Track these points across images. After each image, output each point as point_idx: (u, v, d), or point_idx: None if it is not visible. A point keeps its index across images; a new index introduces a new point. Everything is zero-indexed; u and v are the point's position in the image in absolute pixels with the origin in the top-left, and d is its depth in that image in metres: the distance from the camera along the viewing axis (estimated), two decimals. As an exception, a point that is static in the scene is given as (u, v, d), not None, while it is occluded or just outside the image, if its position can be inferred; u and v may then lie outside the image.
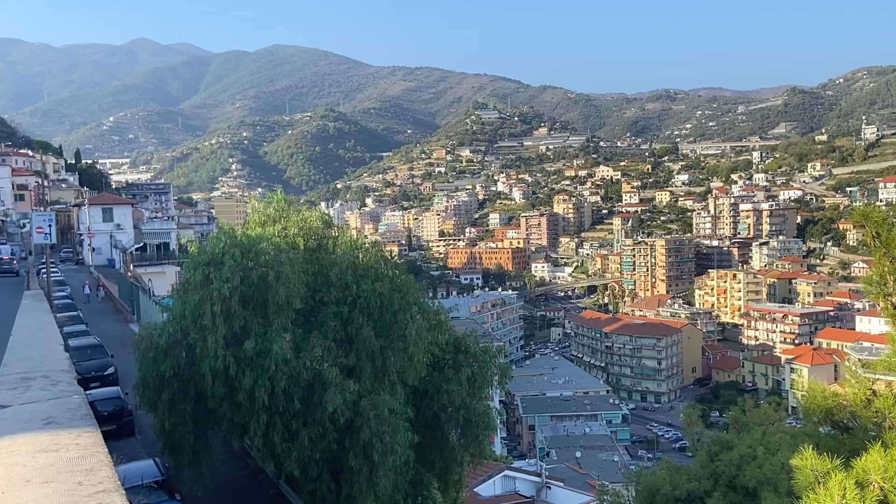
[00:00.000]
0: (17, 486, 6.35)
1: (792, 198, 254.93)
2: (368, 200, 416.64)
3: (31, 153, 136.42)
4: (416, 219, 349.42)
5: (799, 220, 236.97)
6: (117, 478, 6.56)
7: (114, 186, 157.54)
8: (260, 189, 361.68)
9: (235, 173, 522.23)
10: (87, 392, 24.35)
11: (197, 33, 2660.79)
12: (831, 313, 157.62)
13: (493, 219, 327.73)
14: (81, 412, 8.76)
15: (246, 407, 16.41)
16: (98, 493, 5.95)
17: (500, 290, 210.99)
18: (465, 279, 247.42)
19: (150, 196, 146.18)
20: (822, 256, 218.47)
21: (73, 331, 32.28)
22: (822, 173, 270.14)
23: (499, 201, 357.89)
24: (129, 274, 58.08)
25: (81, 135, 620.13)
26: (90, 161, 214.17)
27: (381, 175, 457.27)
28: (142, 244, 74.40)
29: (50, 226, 35.71)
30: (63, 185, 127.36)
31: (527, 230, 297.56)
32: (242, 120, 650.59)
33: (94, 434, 7.85)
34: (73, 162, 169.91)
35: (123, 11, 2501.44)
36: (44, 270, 41.98)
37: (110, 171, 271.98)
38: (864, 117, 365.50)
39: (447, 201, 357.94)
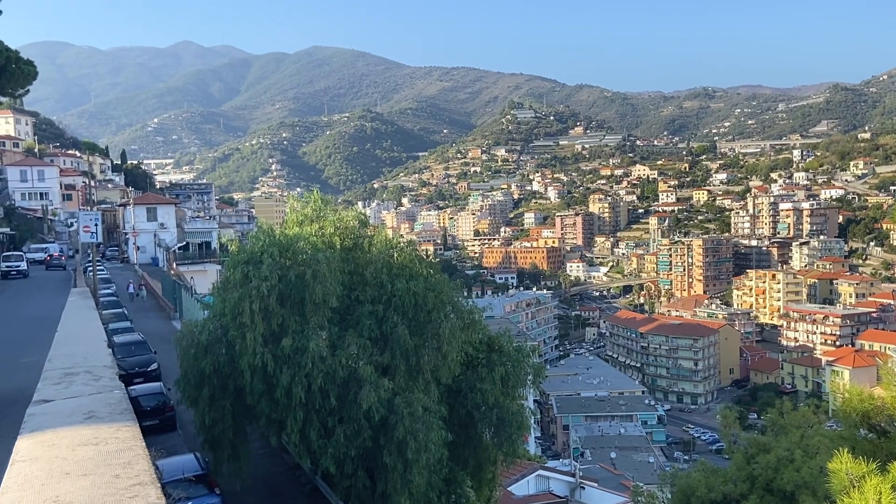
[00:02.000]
0: (57, 478, 6.58)
1: (833, 197, 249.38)
2: (404, 200, 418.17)
3: (78, 154, 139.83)
4: (451, 218, 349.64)
5: (841, 219, 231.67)
6: (153, 471, 6.78)
7: (158, 186, 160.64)
8: (299, 189, 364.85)
9: (275, 173, 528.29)
10: (131, 388, 24.95)
11: (238, 35, 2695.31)
12: (874, 314, 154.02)
13: (528, 218, 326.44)
14: (122, 407, 9.04)
15: (283, 403, 16.66)
16: (134, 486, 6.16)
17: (534, 289, 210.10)
18: (500, 278, 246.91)
19: (193, 196, 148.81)
20: (864, 256, 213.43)
21: (117, 327, 32.99)
22: (864, 172, 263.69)
23: (534, 201, 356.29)
24: (172, 272, 59.17)
25: (127, 136, 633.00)
26: (135, 161, 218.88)
27: (416, 175, 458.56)
28: (184, 243, 75.69)
29: (96, 225, 36.53)
30: (109, 185, 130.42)
31: (562, 229, 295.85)
32: (282, 121, 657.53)
33: (133, 428, 8.10)
34: (119, 162, 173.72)
35: (167, 14, 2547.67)
36: (90, 268, 43.00)
37: (154, 172, 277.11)
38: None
39: (482, 201, 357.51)
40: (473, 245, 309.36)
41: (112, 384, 10.49)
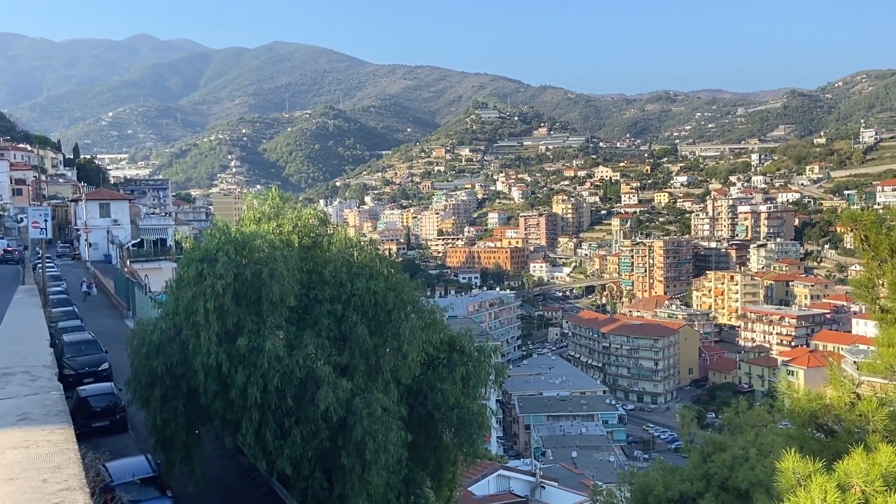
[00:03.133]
0: (-19, 482, 6.31)
1: (790, 200, 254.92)
2: (367, 199, 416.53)
3: (29, 148, 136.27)
4: (414, 217, 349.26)
5: (797, 222, 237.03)
6: (83, 476, 6.54)
7: (112, 182, 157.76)
8: (259, 186, 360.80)
9: (234, 170, 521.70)
10: (81, 388, 24.42)
11: (197, 29, 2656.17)
12: (828, 316, 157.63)
13: (492, 218, 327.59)
14: (57, 409, 8.73)
15: (238, 404, 16.43)
16: (62, 492, 5.92)
17: (498, 289, 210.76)
18: (464, 278, 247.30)
19: (149, 192, 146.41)
20: (819, 259, 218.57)
21: (67, 326, 32.23)
22: (820, 176, 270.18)
23: (498, 201, 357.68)
24: (126, 269, 58.06)
25: (80, 130, 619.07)
26: (88, 156, 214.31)
27: (380, 173, 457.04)
28: (139, 240, 74.25)
29: (46, 221, 35.64)
30: (61, 180, 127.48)
31: (525, 230, 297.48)
32: (242, 117, 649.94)
33: (67, 431, 7.82)
34: (72, 157, 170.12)
35: (124, 7, 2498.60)
36: (40, 265, 41.87)
37: (108, 167, 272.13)
38: (862, 121, 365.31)
39: (446, 200, 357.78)
40: (437, 244, 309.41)
41: (50, 385, 10.14)
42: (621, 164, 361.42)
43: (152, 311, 29.23)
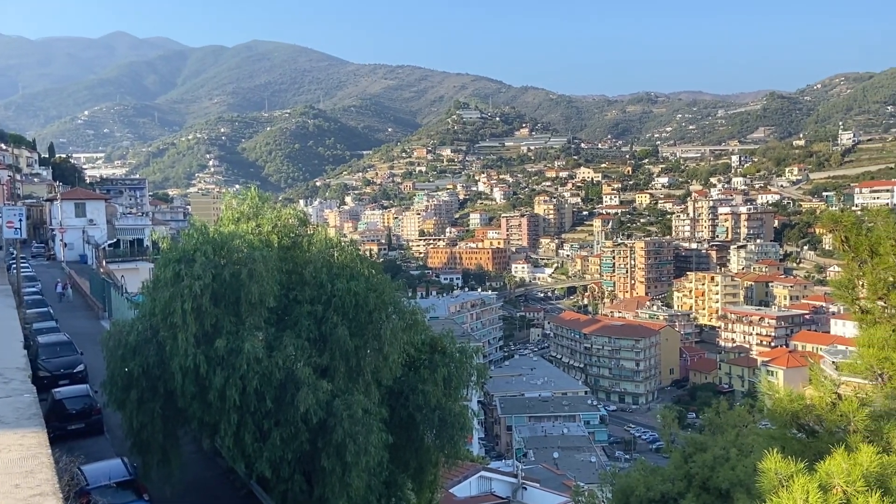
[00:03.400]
0: (-49, 487, 6.14)
1: (770, 202, 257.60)
2: (348, 199, 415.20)
3: (3, 147, 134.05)
4: (396, 218, 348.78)
5: (776, 223, 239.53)
6: (56, 480, 6.37)
7: (88, 181, 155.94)
8: (237, 186, 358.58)
9: (213, 169, 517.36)
10: (56, 390, 24.07)
11: (175, 27, 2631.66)
12: (807, 316, 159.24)
13: (474, 219, 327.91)
14: (30, 412, 8.55)
15: (216, 406, 16.26)
16: (34, 497, 5.77)
17: (479, 290, 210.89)
18: (445, 279, 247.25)
19: (125, 191, 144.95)
20: (798, 260, 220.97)
21: (42, 327, 31.81)
22: (799, 178, 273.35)
23: (479, 201, 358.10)
24: (102, 270, 57.41)
25: (56, 129, 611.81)
26: (64, 155, 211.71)
27: (361, 173, 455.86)
28: (115, 240, 73.38)
29: (20, 220, 35.10)
30: (36, 180, 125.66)
31: (507, 230, 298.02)
32: (220, 116, 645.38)
33: (40, 435, 7.64)
34: (47, 156, 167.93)
35: (100, 4, 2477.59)
36: (14, 266, 41.21)
37: (84, 166, 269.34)
38: (840, 123, 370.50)
39: (428, 201, 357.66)
40: (418, 245, 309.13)
41: (23, 387, 9.93)
42: (603, 166, 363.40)
43: (129, 312, 28.90)
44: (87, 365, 27.58)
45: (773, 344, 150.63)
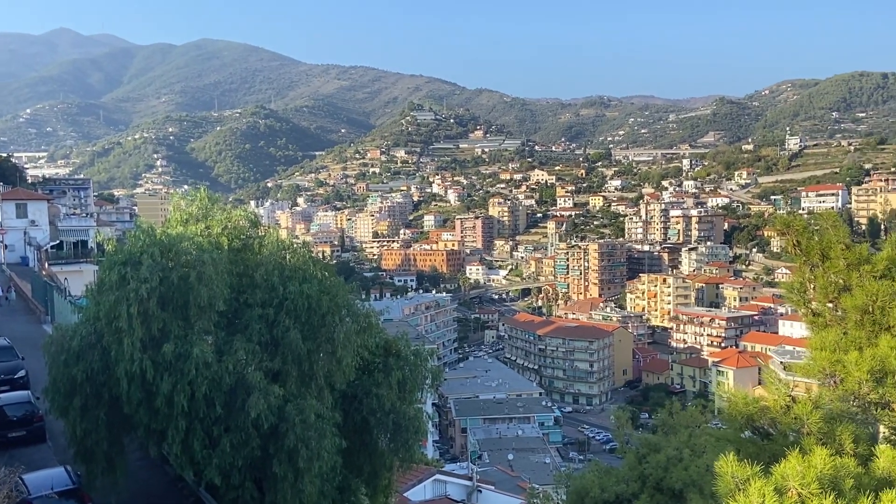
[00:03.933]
0: None
1: (720, 205, 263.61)
2: (300, 200, 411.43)
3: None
4: (349, 219, 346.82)
5: (726, 226, 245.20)
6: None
7: (29, 181, 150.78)
8: (186, 186, 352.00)
9: (160, 170, 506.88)
10: (-5, 396, 23.17)
11: (120, 24, 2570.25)
12: (756, 317, 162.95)
13: (428, 220, 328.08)
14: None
15: (164, 413, 15.87)
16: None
17: (434, 292, 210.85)
18: (399, 281, 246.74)
19: (69, 192, 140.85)
20: (747, 262, 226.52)
21: (-20, 332, 30.67)
22: (748, 181, 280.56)
23: (434, 203, 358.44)
24: (44, 272, 55.75)
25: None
26: (5, 155, 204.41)
27: (313, 174, 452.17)
28: (58, 241, 71.31)
29: (-42, 221, 33.75)
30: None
31: (462, 232, 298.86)
32: (168, 115, 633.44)
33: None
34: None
35: (43, 0, 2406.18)
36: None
37: (26, 166, 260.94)
38: (787, 128, 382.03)
39: (381, 202, 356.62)
40: (372, 247, 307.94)
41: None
42: (557, 168, 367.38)
43: (72, 316, 28.01)
44: (29, 370, 26.78)
45: (723, 345, 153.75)
